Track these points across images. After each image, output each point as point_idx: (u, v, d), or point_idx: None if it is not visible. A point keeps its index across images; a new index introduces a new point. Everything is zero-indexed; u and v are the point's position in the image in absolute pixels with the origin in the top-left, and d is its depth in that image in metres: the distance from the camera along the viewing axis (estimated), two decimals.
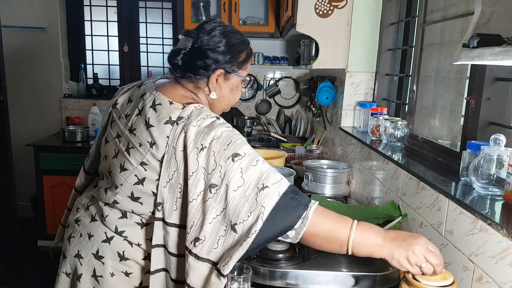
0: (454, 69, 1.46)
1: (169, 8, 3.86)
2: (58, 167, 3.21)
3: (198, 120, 1.02)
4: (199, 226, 0.98)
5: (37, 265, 3.13)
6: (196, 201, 0.99)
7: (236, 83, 1.17)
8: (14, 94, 3.52)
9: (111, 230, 1.13)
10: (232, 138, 1.01)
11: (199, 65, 1.09)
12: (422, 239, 0.94)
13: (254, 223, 0.94)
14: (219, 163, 0.98)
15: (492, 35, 0.80)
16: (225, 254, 0.98)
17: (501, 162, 0.98)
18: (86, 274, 1.16)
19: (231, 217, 0.96)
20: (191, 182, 0.99)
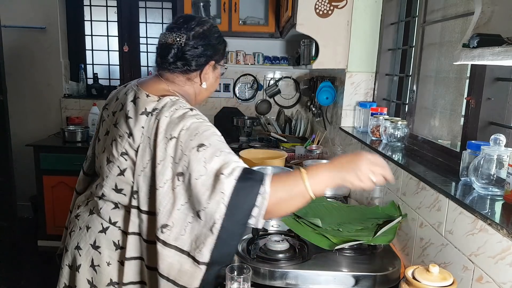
0: (454, 69, 1.45)
1: (169, 8, 3.86)
2: (58, 167, 3.20)
3: (170, 111, 1.07)
4: (168, 212, 1.02)
5: (37, 265, 3.13)
6: (163, 189, 1.03)
7: (218, 73, 1.27)
8: (14, 94, 3.52)
9: (106, 221, 1.17)
10: (200, 129, 1.05)
11: (194, 59, 1.16)
12: (362, 156, 1.02)
13: (217, 209, 0.97)
14: (184, 153, 1.02)
15: (492, 35, 0.80)
16: (197, 241, 1.01)
17: (501, 162, 0.98)
18: (85, 264, 1.19)
19: (195, 205, 1.00)
20: (159, 170, 1.03)
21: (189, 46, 1.15)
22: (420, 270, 0.94)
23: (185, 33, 1.15)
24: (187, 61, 1.16)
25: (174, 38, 1.15)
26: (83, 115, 3.71)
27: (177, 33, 1.15)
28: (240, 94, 3.69)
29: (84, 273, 1.19)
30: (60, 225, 3.31)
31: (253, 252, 1.17)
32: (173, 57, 1.15)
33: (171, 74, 1.19)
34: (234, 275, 1.00)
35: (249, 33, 3.27)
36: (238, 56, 3.43)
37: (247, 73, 3.65)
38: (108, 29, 3.89)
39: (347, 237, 1.22)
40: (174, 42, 1.15)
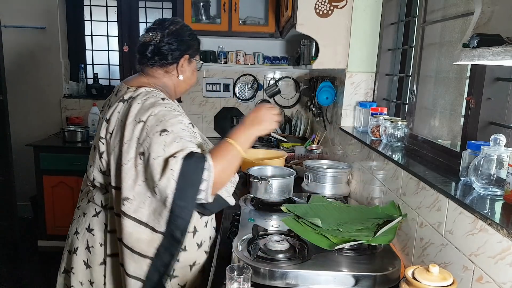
0: (454, 69, 1.45)
1: (169, 8, 3.86)
2: (58, 167, 3.21)
3: (143, 99, 1.22)
4: (130, 187, 1.16)
5: (37, 265, 3.13)
6: (126, 166, 1.17)
7: (194, 67, 1.41)
8: (14, 94, 3.52)
9: (98, 206, 1.32)
10: (166, 116, 1.18)
11: (169, 53, 1.31)
12: (260, 108, 1.29)
13: (168, 184, 1.10)
14: (148, 135, 1.16)
15: (492, 35, 0.80)
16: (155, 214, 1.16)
17: (501, 162, 0.98)
18: (81, 247, 1.33)
19: (151, 182, 1.14)
20: (125, 149, 1.17)
21: (164, 43, 1.30)
22: (420, 270, 0.94)
23: (160, 31, 1.31)
24: (163, 55, 1.31)
25: (151, 37, 1.31)
26: (83, 115, 3.71)
27: (153, 32, 1.31)
28: (240, 94, 3.69)
29: (80, 254, 1.32)
30: (60, 225, 3.32)
31: (253, 252, 1.17)
32: (151, 52, 1.31)
33: (150, 69, 1.34)
34: (234, 275, 0.99)
35: (249, 33, 3.27)
36: (238, 56, 3.43)
37: (247, 73, 3.65)
38: (108, 29, 3.89)
39: (347, 237, 1.22)
40: (150, 40, 1.31)
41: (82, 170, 3.37)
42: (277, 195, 1.63)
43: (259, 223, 1.42)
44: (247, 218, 1.49)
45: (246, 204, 1.68)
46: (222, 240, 1.43)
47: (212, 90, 3.66)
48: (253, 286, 1.05)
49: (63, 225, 3.31)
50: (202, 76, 3.61)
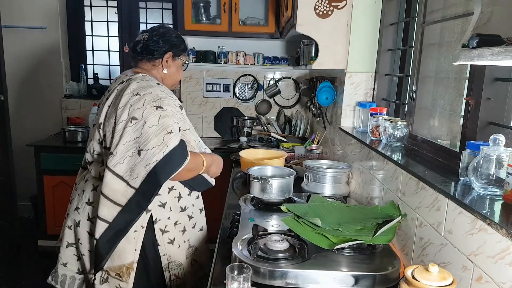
0: (454, 69, 1.46)
1: (169, 8, 3.86)
2: (58, 167, 3.21)
3: (141, 80, 1.46)
4: (115, 144, 1.36)
5: (37, 265, 3.13)
6: (118, 126, 1.38)
7: (179, 64, 1.67)
8: (14, 94, 3.53)
9: (96, 179, 1.50)
10: (162, 97, 1.42)
11: (155, 49, 1.58)
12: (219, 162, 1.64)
13: (157, 153, 1.33)
14: (145, 106, 1.37)
15: (492, 35, 0.80)
16: (132, 172, 1.36)
17: (501, 162, 0.98)
18: (83, 219, 1.51)
19: (140, 144, 1.34)
20: (118, 113, 1.39)
21: (151, 41, 1.57)
22: (419, 269, 0.94)
23: (149, 33, 1.60)
24: (150, 51, 1.58)
25: (141, 37, 1.60)
26: (83, 115, 3.71)
27: (144, 34, 1.61)
28: (240, 94, 3.69)
29: (83, 226, 1.51)
30: (61, 225, 3.31)
31: (253, 252, 1.17)
32: (140, 48, 1.58)
33: (140, 62, 1.61)
34: (234, 274, 1.00)
35: (249, 34, 3.27)
36: (238, 57, 3.43)
37: (247, 73, 3.65)
38: (108, 30, 3.89)
39: (347, 236, 1.23)
40: (141, 39, 1.60)
41: None
42: (277, 195, 1.63)
43: (259, 223, 1.42)
44: (247, 218, 1.49)
45: (246, 204, 1.69)
46: (222, 240, 1.44)
47: (212, 90, 3.67)
48: (253, 286, 1.06)
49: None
50: (202, 77, 3.62)
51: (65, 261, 1.58)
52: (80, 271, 1.59)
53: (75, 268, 1.58)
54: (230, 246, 1.25)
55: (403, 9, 1.95)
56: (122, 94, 1.41)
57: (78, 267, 1.58)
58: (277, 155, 2.27)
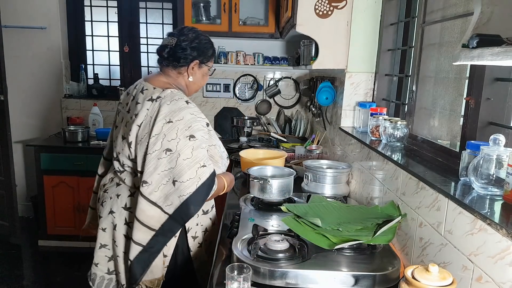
0: (454, 69, 1.46)
1: (169, 8, 3.86)
2: (58, 167, 3.21)
3: (172, 101, 1.43)
4: (149, 174, 1.39)
5: (37, 264, 3.13)
6: (150, 155, 1.39)
7: (205, 71, 1.62)
8: (14, 94, 3.52)
9: (132, 187, 1.53)
10: (193, 123, 1.42)
11: (182, 56, 1.52)
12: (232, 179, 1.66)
13: (191, 186, 1.39)
14: (178, 137, 1.39)
15: (492, 35, 0.80)
16: (166, 199, 1.41)
17: (501, 162, 0.98)
18: (120, 223, 1.53)
19: (175, 175, 1.39)
20: (152, 141, 1.40)
21: (179, 47, 1.51)
22: (419, 269, 0.94)
23: (177, 37, 1.51)
24: (176, 58, 1.52)
25: (169, 41, 1.52)
26: (83, 115, 3.71)
27: (172, 37, 1.52)
28: (240, 94, 3.69)
29: (120, 229, 1.53)
30: (61, 225, 3.33)
31: (253, 252, 1.17)
32: (166, 54, 1.52)
33: (166, 69, 1.56)
34: (234, 274, 1.00)
35: (249, 34, 3.27)
36: (238, 57, 3.43)
37: (247, 73, 3.65)
38: (108, 30, 3.89)
39: (347, 236, 1.23)
40: (168, 43, 1.52)
41: (82, 170, 3.38)
42: (277, 195, 1.63)
43: (259, 223, 1.42)
44: (247, 218, 1.49)
45: (246, 204, 1.69)
46: (222, 240, 1.44)
47: (212, 90, 3.67)
48: (253, 286, 1.06)
49: (64, 225, 3.32)
50: None
51: (97, 262, 1.64)
52: (109, 272, 1.63)
53: (105, 268, 1.64)
54: (230, 246, 1.25)
55: (403, 9, 1.95)
56: (155, 119, 1.40)
57: (109, 267, 1.63)
58: (277, 155, 2.27)
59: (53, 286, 2.83)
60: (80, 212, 3.28)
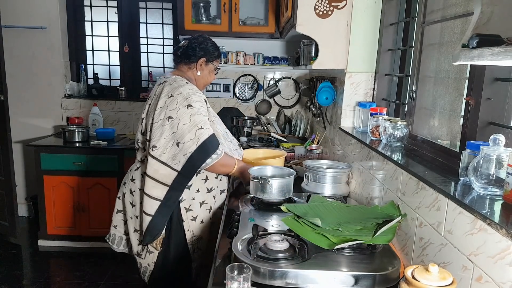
0: (454, 69, 1.46)
1: (169, 8, 3.86)
2: (58, 167, 3.21)
3: (174, 82, 1.79)
4: (157, 139, 1.71)
5: (37, 265, 3.13)
6: (156, 124, 1.72)
7: (211, 69, 1.96)
8: (14, 94, 3.52)
9: (139, 161, 1.89)
10: (191, 95, 1.74)
11: (192, 54, 1.89)
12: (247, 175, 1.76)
13: (191, 145, 1.68)
14: (178, 106, 1.71)
15: (492, 35, 0.80)
16: (174, 159, 1.71)
17: (501, 162, 0.98)
18: (127, 192, 1.89)
19: (177, 138, 1.70)
20: (157, 114, 1.73)
21: (189, 48, 1.89)
22: (419, 269, 0.94)
23: (189, 41, 1.91)
24: (187, 55, 1.90)
25: (183, 44, 1.92)
26: (83, 115, 3.71)
27: (185, 41, 1.92)
28: (240, 94, 3.69)
29: (127, 198, 1.89)
30: (61, 225, 3.33)
31: (253, 252, 1.17)
32: (180, 52, 1.91)
33: (179, 65, 1.93)
34: (234, 274, 1.00)
35: (249, 34, 3.27)
36: (238, 57, 3.43)
37: (247, 73, 3.65)
38: (108, 30, 3.89)
39: (347, 236, 1.23)
40: (182, 45, 1.92)
41: (82, 170, 3.38)
42: (277, 195, 1.63)
43: (259, 223, 1.42)
44: (247, 218, 1.49)
45: (246, 204, 1.69)
46: (222, 240, 1.44)
47: (212, 90, 3.67)
48: (253, 286, 1.06)
49: (64, 225, 3.33)
50: None
51: (116, 224, 1.98)
52: (125, 233, 1.98)
53: (122, 230, 1.98)
54: (230, 246, 1.25)
55: (403, 9, 1.95)
56: (160, 97, 1.74)
57: (125, 229, 1.97)
58: (276, 155, 2.27)
59: (53, 286, 2.82)
60: (80, 212, 3.28)
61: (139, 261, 1.91)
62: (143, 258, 1.88)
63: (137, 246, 1.89)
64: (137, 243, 1.89)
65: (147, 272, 1.88)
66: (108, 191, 3.24)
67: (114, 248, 2.00)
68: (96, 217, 3.28)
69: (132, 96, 3.82)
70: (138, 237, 1.88)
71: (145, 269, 1.89)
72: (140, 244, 1.87)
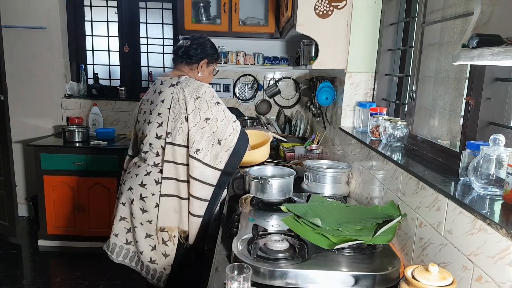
0: (454, 69, 1.46)
1: (169, 8, 3.86)
2: (58, 167, 3.21)
3: (189, 82, 1.78)
4: (198, 142, 1.73)
5: (37, 265, 3.13)
6: (194, 128, 1.73)
7: (211, 70, 1.98)
8: (14, 94, 3.52)
9: (150, 165, 1.82)
10: (213, 93, 1.79)
11: (194, 55, 1.88)
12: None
13: (233, 139, 1.78)
14: (210, 106, 1.75)
15: (492, 35, 0.80)
16: (217, 158, 1.76)
17: (501, 162, 0.98)
18: (136, 198, 1.81)
19: (219, 136, 1.76)
20: (191, 118, 1.73)
21: (191, 48, 1.88)
22: (419, 269, 0.94)
23: (191, 40, 1.90)
24: (189, 56, 1.88)
25: (184, 43, 1.90)
26: (83, 115, 3.71)
27: (186, 41, 1.90)
28: (240, 94, 3.69)
29: (136, 204, 1.81)
30: (61, 225, 3.33)
31: (253, 252, 1.17)
32: (181, 52, 1.88)
33: (180, 65, 1.91)
34: (234, 274, 1.00)
35: (249, 34, 3.27)
36: (238, 57, 3.43)
37: (247, 73, 3.65)
38: (108, 30, 3.89)
39: (347, 236, 1.23)
40: (183, 44, 1.89)
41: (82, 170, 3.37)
42: (277, 195, 1.63)
43: (259, 223, 1.42)
44: (247, 218, 1.49)
45: (246, 204, 1.69)
46: (222, 240, 1.44)
47: None
48: (253, 286, 1.06)
49: (64, 225, 3.32)
50: None
51: (117, 232, 1.89)
52: (128, 242, 1.89)
53: (124, 239, 1.89)
54: (230, 246, 1.25)
55: (403, 9, 1.95)
56: (185, 100, 1.73)
57: (127, 238, 1.89)
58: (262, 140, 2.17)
59: (53, 286, 2.82)
60: (80, 212, 3.28)
61: (152, 267, 1.85)
62: (157, 264, 1.84)
63: (150, 252, 1.83)
64: (150, 249, 1.83)
65: (163, 276, 1.85)
66: (108, 191, 3.24)
67: (112, 259, 1.89)
68: (96, 217, 3.28)
69: (132, 96, 3.82)
70: (151, 243, 1.82)
71: (160, 274, 1.85)
72: (153, 249, 1.83)
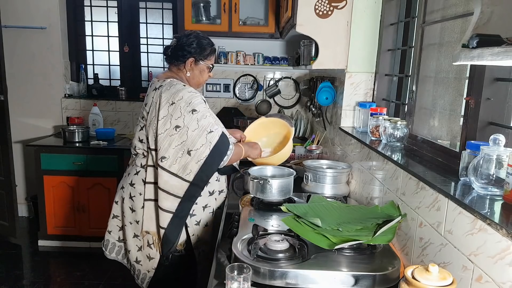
0: (454, 69, 1.46)
1: (169, 8, 3.86)
2: (58, 167, 3.21)
3: (170, 86, 1.72)
4: (165, 150, 1.66)
5: (37, 265, 3.13)
6: (163, 134, 1.66)
7: (203, 68, 1.85)
8: (14, 94, 3.52)
9: (138, 166, 1.81)
10: (193, 99, 1.69)
11: (179, 54, 1.80)
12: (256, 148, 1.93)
13: (204, 151, 1.65)
14: (183, 114, 1.66)
15: (492, 35, 0.80)
16: (186, 169, 1.66)
17: (501, 162, 0.98)
18: (126, 197, 1.83)
19: (189, 146, 1.65)
20: (161, 124, 1.67)
21: (178, 47, 1.80)
22: (419, 269, 0.94)
23: (177, 39, 1.81)
24: (176, 56, 1.81)
25: (172, 43, 1.83)
26: (83, 115, 3.71)
27: (174, 40, 1.83)
28: (240, 95, 3.69)
29: (126, 203, 1.83)
30: (61, 225, 3.33)
31: (253, 252, 1.17)
32: (169, 52, 1.82)
33: (170, 65, 1.85)
34: (234, 274, 1.00)
35: (249, 34, 3.27)
36: (238, 57, 3.43)
37: (247, 73, 3.65)
38: (108, 30, 3.89)
39: (347, 237, 1.23)
40: (171, 44, 1.83)
41: (82, 170, 3.38)
42: (277, 195, 1.63)
43: (259, 223, 1.42)
44: (247, 218, 1.49)
45: (246, 204, 1.69)
46: (222, 240, 1.44)
47: (212, 90, 3.67)
48: (253, 286, 1.06)
49: (64, 225, 3.32)
50: None
51: (110, 229, 1.92)
52: (120, 240, 1.92)
53: (117, 236, 1.92)
54: (230, 246, 1.25)
55: (403, 9, 1.95)
56: (159, 104, 1.68)
57: (119, 236, 1.91)
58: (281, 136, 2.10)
59: (53, 286, 2.82)
60: (80, 212, 3.28)
61: (137, 267, 1.86)
62: (141, 265, 1.84)
63: (136, 252, 1.84)
64: (136, 249, 1.84)
65: (146, 278, 1.85)
66: (108, 191, 3.24)
67: (106, 255, 1.93)
68: (96, 217, 3.28)
69: (132, 96, 3.82)
70: (138, 243, 1.83)
71: (144, 276, 1.85)
72: (139, 250, 1.83)
